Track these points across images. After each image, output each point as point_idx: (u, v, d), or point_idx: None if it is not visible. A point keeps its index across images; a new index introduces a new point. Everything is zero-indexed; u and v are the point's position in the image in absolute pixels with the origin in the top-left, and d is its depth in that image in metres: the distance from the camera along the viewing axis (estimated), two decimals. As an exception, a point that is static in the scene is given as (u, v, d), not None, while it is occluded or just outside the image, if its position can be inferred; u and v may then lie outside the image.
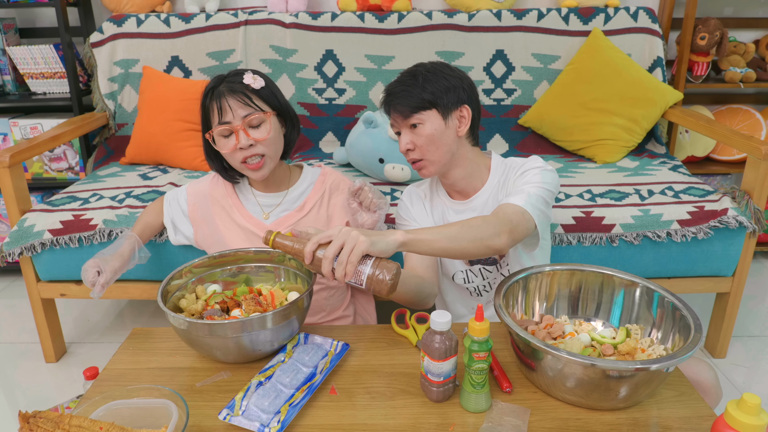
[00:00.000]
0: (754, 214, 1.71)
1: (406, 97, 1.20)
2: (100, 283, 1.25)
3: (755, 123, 2.47)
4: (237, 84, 1.24)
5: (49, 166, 2.43)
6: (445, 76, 1.21)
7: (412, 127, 1.21)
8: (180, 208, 1.43)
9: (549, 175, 1.21)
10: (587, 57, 2.22)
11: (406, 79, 1.22)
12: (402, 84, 1.22)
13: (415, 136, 1.21)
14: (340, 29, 2.31)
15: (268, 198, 1.37)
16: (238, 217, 1.36)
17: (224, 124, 1.23)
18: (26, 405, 1.75)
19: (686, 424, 0.86)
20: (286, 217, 1.35)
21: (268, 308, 1.05)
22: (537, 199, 1.15)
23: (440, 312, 0.88)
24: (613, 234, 1.69)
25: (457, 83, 1.22)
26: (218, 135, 1.25)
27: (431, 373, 0.89)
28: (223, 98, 1.23)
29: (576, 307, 1.08)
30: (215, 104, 1.23)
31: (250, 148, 1.23)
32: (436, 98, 1.19)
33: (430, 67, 1.23)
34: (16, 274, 2.56)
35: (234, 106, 1.22)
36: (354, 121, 2.32)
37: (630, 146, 2.21)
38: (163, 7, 2.40)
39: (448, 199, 1.33)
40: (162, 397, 0.84)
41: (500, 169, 1.29)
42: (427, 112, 1.20)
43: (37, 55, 2.34)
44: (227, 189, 1.39)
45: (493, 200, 1.27)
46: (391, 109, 1.23)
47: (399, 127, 1.24)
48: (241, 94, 1.23)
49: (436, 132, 1.20)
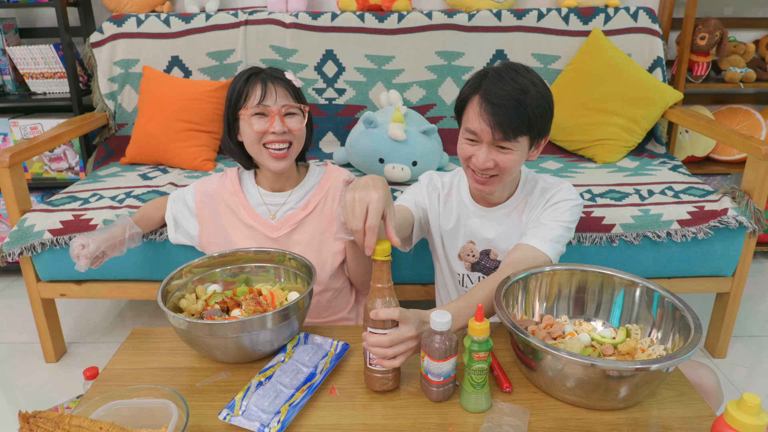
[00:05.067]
0: (754, 214, 1.71)
1: (511, 115, 1.08)
2: (84, 254, 1.28)
3: (755, 123, 2.47)
4: (281, 75, 1.29)
5: (49, 166, 2.43)
6: (545, 97, 1.11)
7: (499, 147, 1.12)
8: (186, 206, 1.43)
9: (577, 210, 1.21)
10: (587, 57, 2.22)
11: (512, 91, 1.08)
12: (508, 95, 1.08)
13: (503, 158, 1.12)
14: (340, 29, 2.31)
15: (274, 197, 1.37)
16: (245, 216, 1.36)
17: (263, 106, 1.25)
18: (26, 405, 1.75)
19: (686, 424, 0.86)
20: (291, 215, 1.35)
21: (268, 308, 1.05)
22: (559, 240, 1.17)
23: (440, 312, 0.88)
24: (613, 234, 1.69)
25: (551, 108, 1.13)
26: (252, 114, 1.26)
27: (431, 374, 0.89)
28: (270, 82, 1.26)
29: (576, 307, 1.08)
30: (259, 84, 1.26)
31: (282, 135, 1.26)
32: (536, 124, 1.10)
33: (538, 84, 1.11)
34: (16, 274, 2.56)
35: (278, 92, 1.26)
36: (354, 121, 2.32)
37: (630, 146, 2.21)
38: (163, 7, 2.40)
39: (470, 200, 1.29)
40: (162, 397, 0.84)
41: (529, 185, 1.26)
42: (523, 138, 1.11)
43: (37, 55, 2.34)
44: (234, 188, 1.39)
45: (516, 215, 1.25)
46: (489, 119, 1.08)
47: (482, 138, 1.12)
48: (286, 85, 1.28)
49: (521, 158, 1.14)
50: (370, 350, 0.91)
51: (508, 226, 1.26)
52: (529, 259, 1.12)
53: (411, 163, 1.95)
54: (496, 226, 1.27)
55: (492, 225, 1.27)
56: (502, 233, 1.26)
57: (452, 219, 1.31)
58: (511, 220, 1.26)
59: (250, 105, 1.26)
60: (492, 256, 1.29)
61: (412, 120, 2.05)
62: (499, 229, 1.26)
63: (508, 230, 1.26)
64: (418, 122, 2.07)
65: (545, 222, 1.19)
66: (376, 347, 0.89)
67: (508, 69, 1.12)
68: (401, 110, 2.04)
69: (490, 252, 1.29)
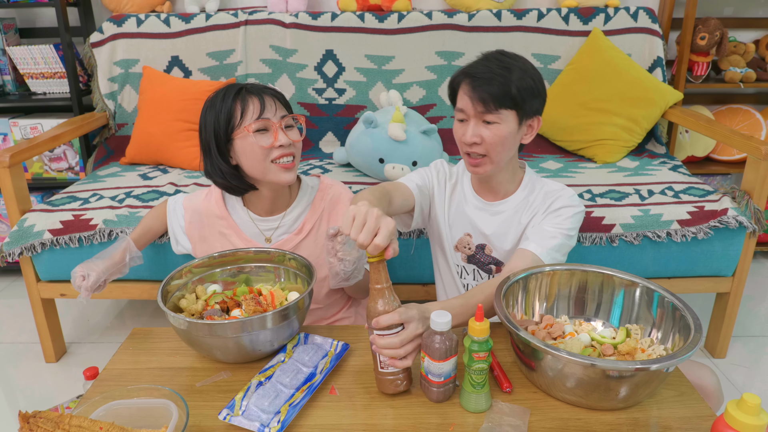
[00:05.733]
0: (754, 214, 1.71)
1: (493, 86, 1.10)
2: (84, 287, 1.26)
3: (755, 123, 2.47)
4: (268, 88, 1.23)
5: (49, 166, 2.43)
6: (533, 78, 1.14)
7: (485, 122, 1.14)
8: (178, 223, 1.40)
9: (579, 218, 1.21)
10: (587, 57, 2.22)
11: (495, 67, 1.11)
12: (490, 71, 1.11)
13: (488, 133, 1.13)
14: (340, 29, 2.31)
15: (266, 222, 1.31)
16: (237, 241, 1.31)
17: (264, 120, 1.18)
18: (26, 405, 1.75)
19: (686, 424, 0.86)
20: (285, 240, 1.31)
21: (268, 308, 1.05)
22: (558, 249, 1.17)
23: (440, 312, 0.88)
24: (613, 234, 1.69)
25: (541, 90, 1.16)
26: (254, 130, 1.18)
27: (431, 374, 0.89)
28: (263, 93, 1.20)
29: (576, 307, 1.08)
30: (255, 98, 1.19)
31: (289, 147, 1.21)
32: (522, 99, 1.12)
33: (522, 63, 1.14)
34: (16, 274, 2.56)
35: (275, 105, 1.21)
36: (354, 121, 2.32)
37: (630, 146, 2.21)
38: (163, 7, 2.40)
39: (472, 193, 1.29)
40: (162, 397, 0.84)
41: (530, 186, 1.26)
42: (507, 111, 1.12)
43: (37, 55, 2.34)
44: (220, 211, 1.32)
45: (515, 215, 1.25)
46: (472, 93, 1.12)
47: (469, 115, 1.15)
48: (277, 95, 1.23)
49: (509, 134, 1.14)
50: (381, 353, 0.90)
51: (506, 225, 1.26)
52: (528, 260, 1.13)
53: (411, 163, 1.95)
54: (494, 222, 1.27)
55: (491, 220, 1.27)
56: (499, 230, 1.26)
57: (454, 208, 1.31)
58: (509, 219, 1.25)
59: (248, 121, 1.18)
60: (487, 251, 1.29)
61: (412, 120, 2.05)
62: (497, 226, 1.26)
63: (506, 229, 1.26)
64: (418, 122, 2.07)
65: (547, 228, 1.18)
66: (388, 349, 0.89)
67: (496, 52, 1.17)
68: (401, 110, 2.04)
69: (485, 247, 1.29)
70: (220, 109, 1.19)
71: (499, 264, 1.29)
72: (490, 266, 1.30)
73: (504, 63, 1.13)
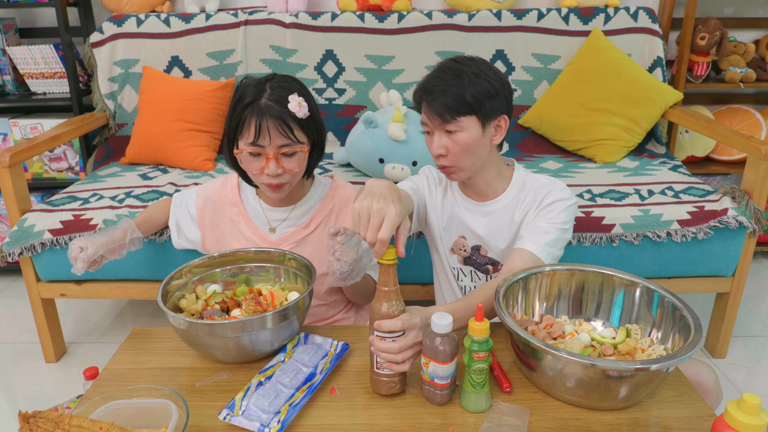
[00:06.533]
0: (754, 214, 1.71)
1: (447, 97, 1.11)
2: (81, 258, 1.24)
3: (755, 123, 2.47)
4: (281, 109, 1.14)
5: (49, 166, 2.43)
6: (489, 79, 1.13)
7: (447, 132, 1.14)
8: (188, 212, 1.40)
9: (572, 210, 1.20)
10: (587, 57, 2.22)
11: (447, 78, 1.12)
12: (443, 82, 1.11)
13: (450, 143, 1.14)
14: (340, 29, 2.31)
15: (275, 212, 1.32)
16: (245, 228, 1.33)
17: (257, 146, 1.16)
18: (26, 405, 1.75)
19: (686, 424, 0.86)
20: (292, 233, 1.31)
21: (268, 308, 1.05)
22: (554, 244, 1.16)
23: (441, 314, 0.87)
24: (613, 234, 1.69)
25: (500, 89, 1.14)
26: (247, 153, 1.18)
27: (438, 377, 0.88)
28: (264, 120, 1.13)
29: (576, 307, 1.08)
30: (254, 122, 1.14)
31: (277, 177, 1.18)
32: (479, 104, 1.11)
33: (474, 68, 1.13)
34: (16, 274, 2.57)
35: (273, 133, 1.14)
36: (354, 121, 2.32)
37: (630, 146, 2.21)
38: (163, 7, 2.40)
39: (461, 195, 1.29)
40: (162, 397, 0.84)
41: (521, 184, 1.26)
42: (466, 118, 1.12)
43: (37, 55, 2.34)
44: (234, 197, 1.35)
45: (507, 214, 1.25)
46: (428, 109, 1.14)
47: (432, 128, 1.16)
48: (283, 123, 1.14)
49: (473, 141, 1.13)
50: (378, 355, 0.90)
51: (499, 224, 1.25)
52: (526, 260, 1.13)
53: (411, 163, 1.95)
54: (486, 222, 1.26)
55: (483, 221, 1.27)
56: (492, 230, 1.26)
57: (447, 212, 1.31)
58: (502, 218, 1.25)
59: (244, 141, 1.16)
60: (482, 252, 1.29)
61: (412, 120, 2.05)
62: (490, 226, 1.26)
63: (499, 228, 1.26)
64: (418, 122, 2.06)
65: (541, 225, 1.18)
66: (385, 353, 0.89)
67: (449, 61, 1.17)
68: (401, 110, 2.04)
69: (480, 248, 1.29)
70: (232, 112, 1.19)
71: (495, 264, 1.29)
72: (486, 267, 1.30)
73: (455, 71, 1.13)
